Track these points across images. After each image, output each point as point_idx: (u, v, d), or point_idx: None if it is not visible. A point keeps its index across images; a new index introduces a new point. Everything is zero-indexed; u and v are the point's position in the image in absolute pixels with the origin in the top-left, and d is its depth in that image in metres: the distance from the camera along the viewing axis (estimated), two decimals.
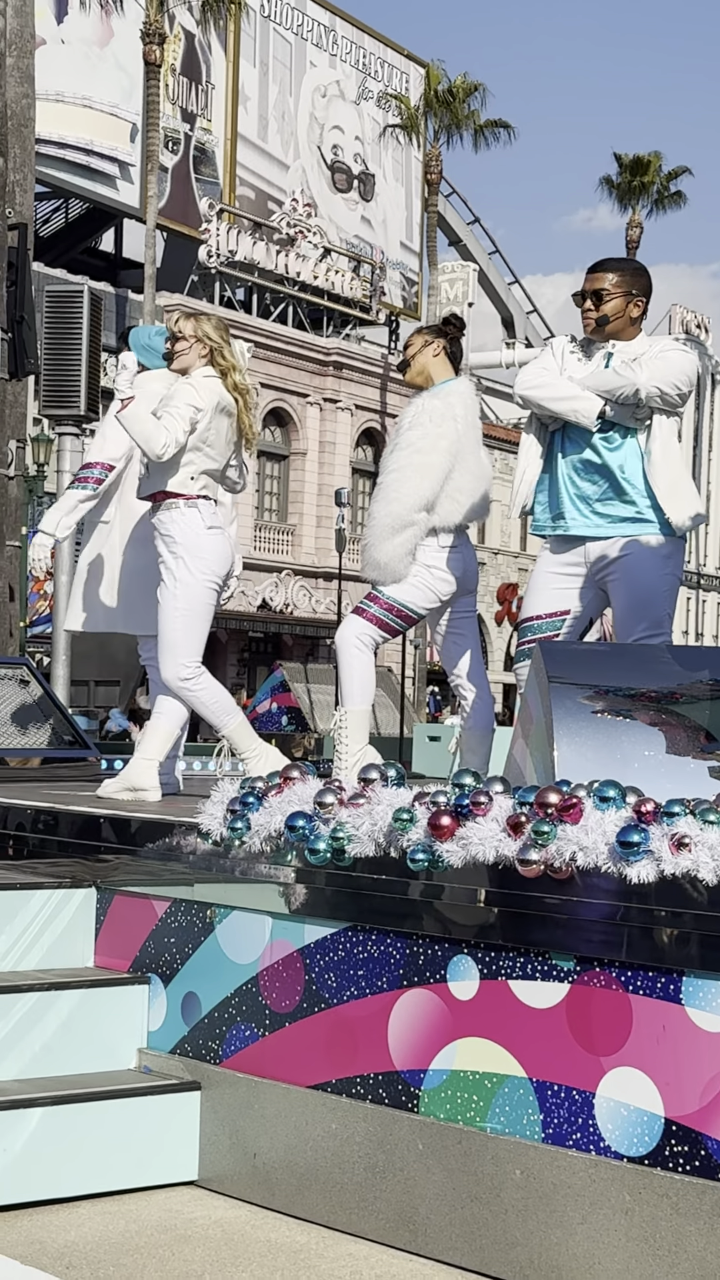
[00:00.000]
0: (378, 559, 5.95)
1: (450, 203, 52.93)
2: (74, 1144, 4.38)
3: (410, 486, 5.90)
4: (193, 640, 6.02)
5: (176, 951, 4.80)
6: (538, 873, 3.78)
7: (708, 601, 63.45)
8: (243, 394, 6.14)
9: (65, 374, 11.93)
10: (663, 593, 5.47)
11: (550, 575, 5.62)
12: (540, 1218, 3.77)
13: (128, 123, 39.67)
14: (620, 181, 47.81)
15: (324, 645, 42.31)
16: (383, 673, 19.59)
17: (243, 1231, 4.20)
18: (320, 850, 4.28)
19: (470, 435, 6.07)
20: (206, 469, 6.03)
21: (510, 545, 51.32)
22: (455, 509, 5.99)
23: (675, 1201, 3.54)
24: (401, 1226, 4.06)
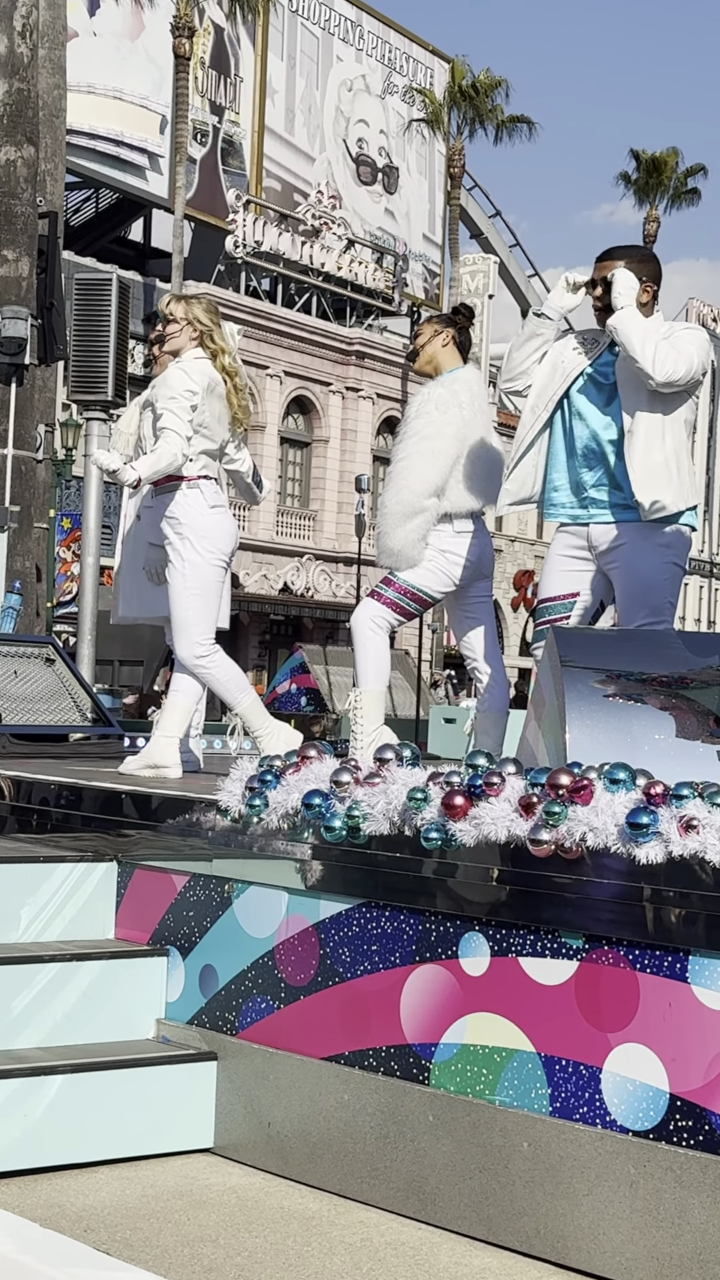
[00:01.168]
0: (391, 546, 5.94)
1: (472, 196, 52.79)
2: (93, 1111, 4.39)
3: (418, 474, 5.89)
4: (205, 619, 6.03)
5: (195, 925, 4.81)
6: (548, 852, 3.77)
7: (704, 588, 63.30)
8: (231, 375, 6.13)
9: (93, 360, 11.91)
10: (662, 580, 5.40)
11: (560, 558, 5.59)
12: (547, 1189, 3.77)
13: (157, 114, 39.62)
14: (638, 178, 47.63)
15: (343, 628, 42.31)
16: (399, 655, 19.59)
17: (256, 1198, 4.21)
18: (336, 828, 4.28)
19: (478, 421, 6.03)
20: (204, 449, 6.04)
21: (527, 532, 51.25)
22: (466, 494, 5.96)
23: (679, 1175, 3.54)
24: (411, 1195, 4.07)
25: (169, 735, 6.08)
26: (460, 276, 45.61)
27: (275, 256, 42.47)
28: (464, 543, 5.99)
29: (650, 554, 5.37)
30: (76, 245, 37.57)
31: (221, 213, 41.32)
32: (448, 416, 5.94)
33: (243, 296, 40.83)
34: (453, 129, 45.08)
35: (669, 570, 5.41)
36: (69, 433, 27.09)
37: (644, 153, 47.59)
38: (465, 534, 5.99)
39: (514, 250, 56.14)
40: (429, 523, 5.92)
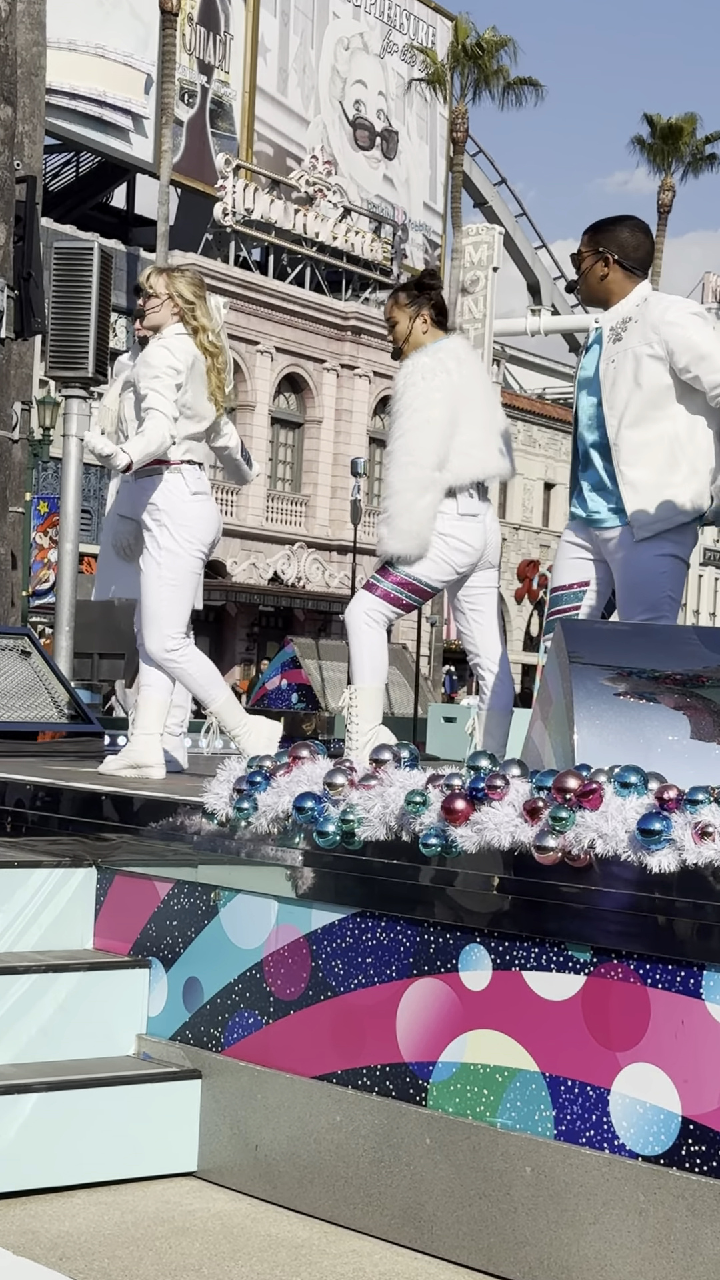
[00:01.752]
0: (406, 527, 5.80)
1: (476, 162, 52.76)
2: (70, 1131, 4.39)
3: (420, 445, 5.81)
4: (177, 611, 6.02)
5: (179, 935, 4.81)
6: (555, 860, 3.78)
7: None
8: (212, 355, 6.10)
9: (73, 335, 11.89)
10: (657, 575, 5.38)
11: (569, 546, 5.62)
12: (551, 1217, 3.78)
13: (142, 73, 39.56)
14: (653, 144, 47.59)
15: (337, 620, 42.31)
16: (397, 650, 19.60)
17: (242, 1225, 4.21)
18: (329, 833, 4.28)
19: (473, 386, 5.94)
20: (189, 433, 6.03)
21: (532, 520, 51.27)
22: (469, 463, 5.86)
23: (691, 1203, 3.54)
24: (407, 1223, 4.07)
25: (148, 733, 6.08)
26: (463, 248, 45.49)
27: (266, 225, 42.42)
28: (468, 527, 5.91)
29: (643, 550, 5.36)
30: (56, 212, 37.53)
31: (210, 178, 41.27)
32: (435, 383, 5.85)
33: (232, 267, 40.79)
34: (455, 91, 45.05)
35: (667, 564, 5.39)
36: (47, 411, 27.08)
37: (659, 118, 47.53)
38: (470, 517, 5.91)
39: (520, 220, 56.09)
40: (440, 498, 5.85)
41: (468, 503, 5.92)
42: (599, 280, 5.49)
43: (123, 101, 39.27)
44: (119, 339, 35.15)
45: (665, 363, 5.29)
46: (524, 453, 50.64)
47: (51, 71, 23.24)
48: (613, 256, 5.44)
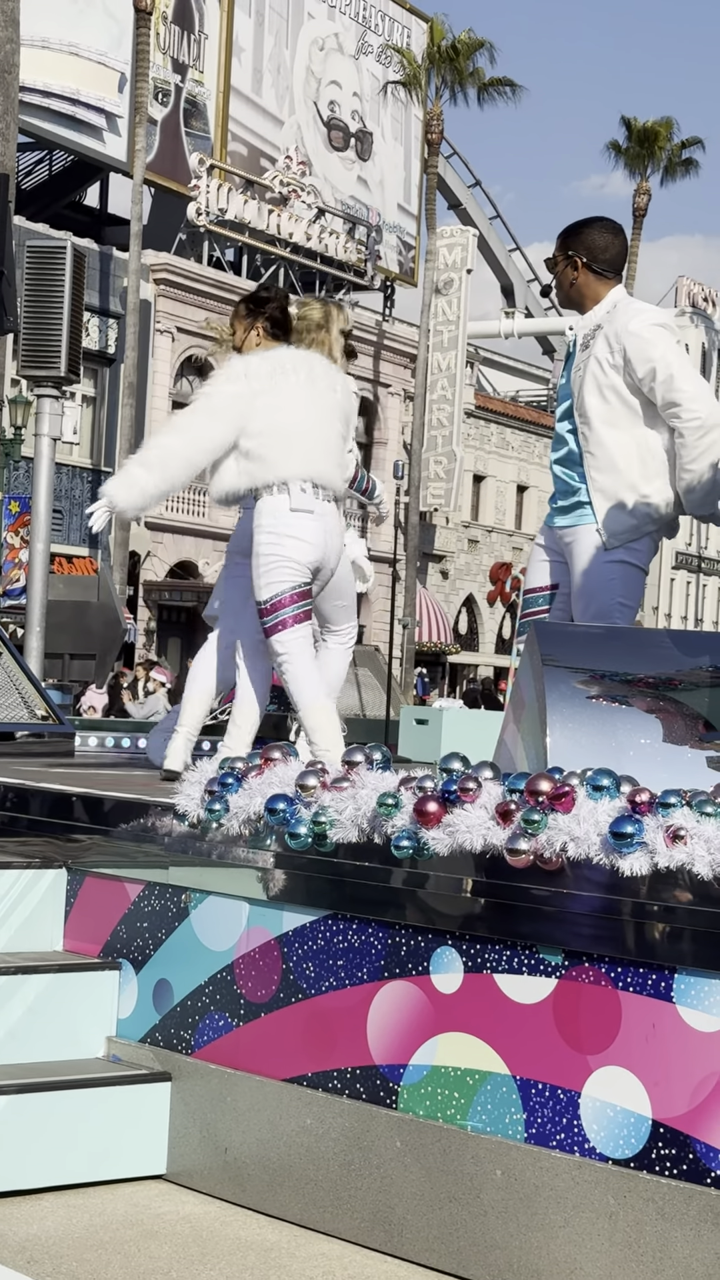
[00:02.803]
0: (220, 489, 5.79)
1: (451, 164, 52.81)
2: (38, 1134, 4.38)
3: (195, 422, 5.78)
4: None
5: (149, 936, 4.80)
6: (527, 863, 3.78)
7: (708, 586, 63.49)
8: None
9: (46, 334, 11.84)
10: (608, 581, 5.37)
11: (540, 550, 5.68)
12: (521, 1220, 3.78)
13: (116, 72, 39.46)
14: (629, 148, 47.70)
15: None
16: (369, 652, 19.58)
17: (212, 1229, 4.21)
18: (301, 835, 4.28)
19: (289, 395, 5.77)
20: None
21: (505, 523, 51.32)
22: (264, 468, 5.70)
23: (661, 1206, 3.55)
24: (377, 1226, 4.07)
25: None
26: (436, 249, 45.56)
27: (240, 225, 42.37)
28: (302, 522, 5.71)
29: (593, 558, 5.38)
30: (28, 210, 37.40)
31: (183, 178, 41.20)
32: (229, 374, 5.78)
33: (205, 267, 40.72)
34: (431, 92, 45.07)
35: (619, 570, 5.40)
36: (19, 410, 27.00)
37: (635, 121, 47.63)
38: (304, 512, 5.71)
39: (494, 222, 56.17)
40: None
41: (300, 498, 5.71)
42: (570, 285, 5.50)
43: (96, 100, 39.17)
44: (91, 338, 35.12)
45: (624, 372, 5.31)
46: (497, 455, 50.71)
47: (25, 69, 23.18)
48: (582, 260, 5.44)
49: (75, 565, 33.81)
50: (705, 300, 59.99)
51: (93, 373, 36.43)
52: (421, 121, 47.39)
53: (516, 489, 51.98)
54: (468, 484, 48.75)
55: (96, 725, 11.48)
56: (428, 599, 44.49)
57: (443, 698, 32.79)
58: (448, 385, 45.68)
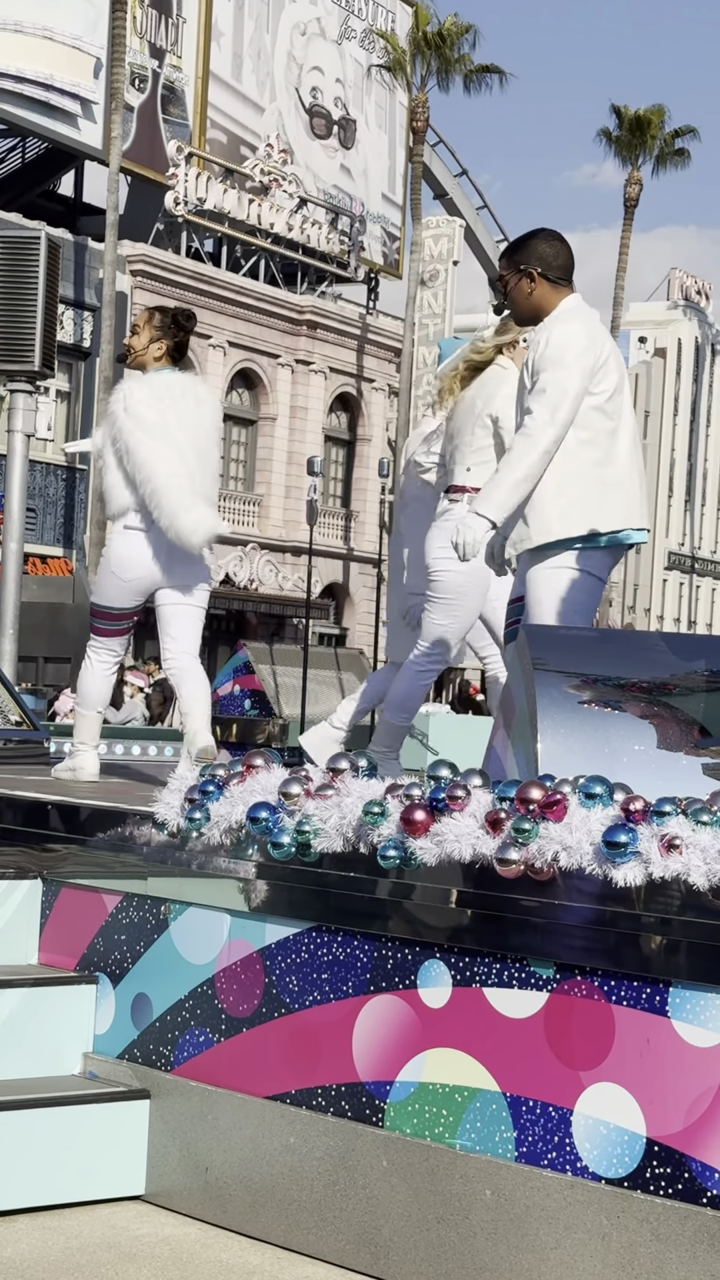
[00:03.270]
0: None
1: (437, 153, 52.82)
2: (12, 1154, 4.37)
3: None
4: None
5: (127, 949, 4.79)
6: (517, 873, 3.78)
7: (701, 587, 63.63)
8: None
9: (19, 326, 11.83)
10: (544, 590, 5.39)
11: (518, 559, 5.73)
12: (511, 1241, 3.78)
13: (91, 57, 39.41)
14: (620, 136, 47.78)
15: (290, 625, 42.30)
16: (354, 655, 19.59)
17: (192, 1251, 4.20)
18: (284, 844, 4.28)
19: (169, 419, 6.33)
20: None
21: None
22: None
23: (655, 1227, 3.55)
24: (363, 1248, 4.07)
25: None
26: (422, 240, 45.59)
27: (220, 215, 42.36)
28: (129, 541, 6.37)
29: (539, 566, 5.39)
30: (0, 199, 37.39)
31: (161, 166, 41.18)
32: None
33: (183, 259, 40.71)
34: (416, 79, 45.10)
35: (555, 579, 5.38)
36: None
37: (626, 109, 47.70)
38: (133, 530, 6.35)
39: (482, 213, 56.18)
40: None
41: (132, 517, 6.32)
42: (527, 297, 5.54)
43: (71, 86, 39.12)
44: (65, 331, 35.08)
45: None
46: None
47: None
48: (536, 270, 5.50)
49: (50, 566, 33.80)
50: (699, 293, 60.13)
51: (67, 367, 36.41)
52: (406, 108, 47.42)
53: None
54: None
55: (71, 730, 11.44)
56: None
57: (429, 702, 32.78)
58: (434, 380, 45.70)
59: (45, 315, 11.80)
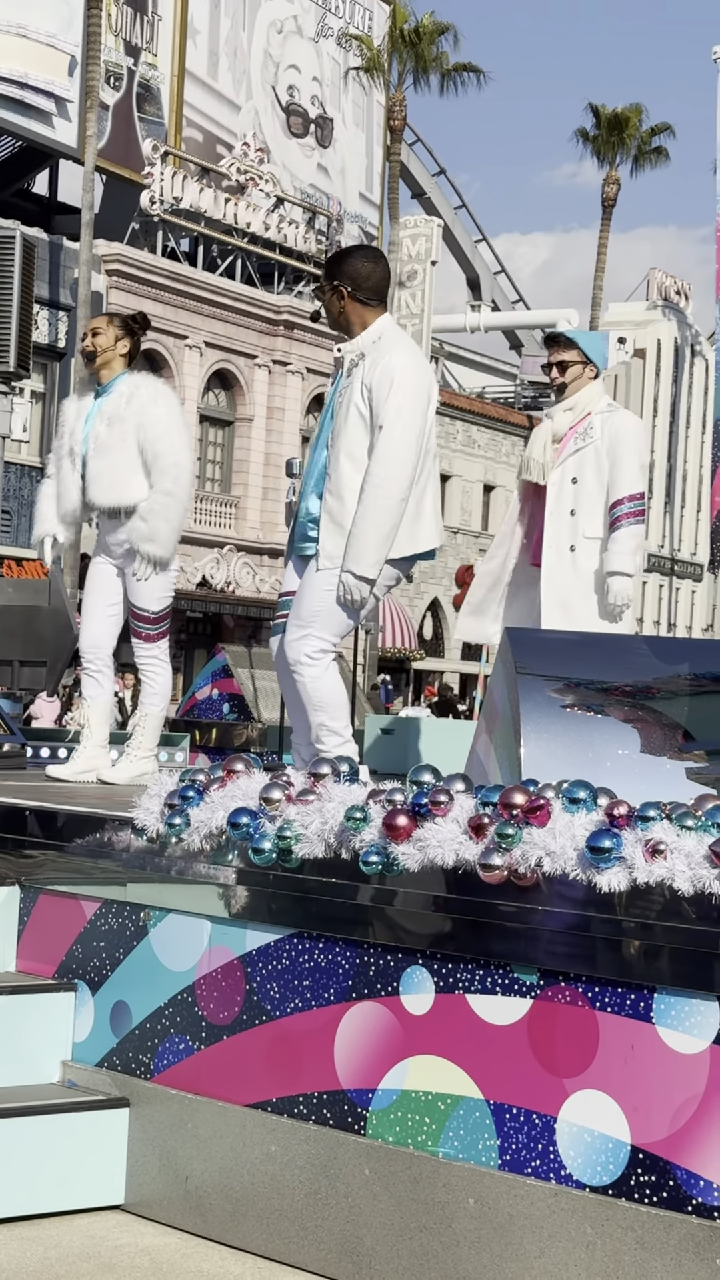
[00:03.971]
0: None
1: (415, 152, 52.90)
2: None
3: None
4: None
5: (106, 956, 4.78)
6: (501, 878, 3.78)
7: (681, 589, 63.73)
8: None
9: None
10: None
11: None
12: (495, 1250, 3.78)
13: (66, 55, 39.34)
14: (597, 135, 47.87)
15: (268, 628, 42.20)
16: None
17: (172, 1261, 4.19)
18: (265, 850, 4.27)
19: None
20: None
21: (471, 524, 51.40)
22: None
23: (640, 1235, 3.56)
24: (345, 1257, 4.06)
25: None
26: (400, 240, 45.60)
27: (196, 214, 42.32)
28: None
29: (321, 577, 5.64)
30: None
31: (136, 165, 41.12)
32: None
33: (159, 258, 40.66)
34: (393, 78, 45.13)
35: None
36: None
37: (603, 108, 47.80)
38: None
39: (460, 212, 56.29)
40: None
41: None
42: (338, 313, 5.80)
43: (45, 84, 39.03)
44: (40, 332, 35.02)
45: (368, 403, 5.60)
46: (463, 454, 50.77)
47: None
48: (346, 289, 5.73)
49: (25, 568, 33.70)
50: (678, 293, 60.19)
51: (42, 367, 36.32)
52: (384, 107, 47.45)
53: (483, 489, 52.06)
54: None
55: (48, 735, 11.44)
56: (391, 603, 44.50)
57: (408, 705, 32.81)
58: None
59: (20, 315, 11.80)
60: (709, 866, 3.48)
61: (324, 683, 5.59)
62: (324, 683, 5.59)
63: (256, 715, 15.55)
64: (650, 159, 48.28)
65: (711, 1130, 3.50)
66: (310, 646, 5.60)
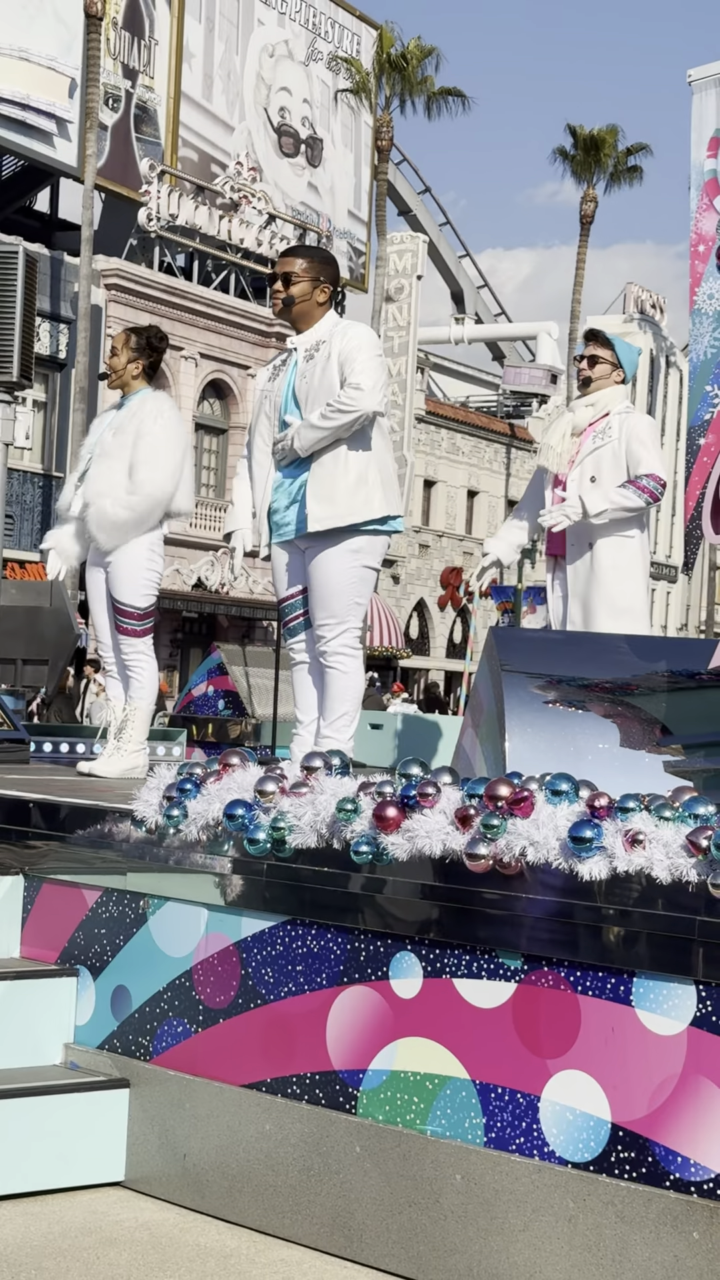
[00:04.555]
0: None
1: (401, 171, 52.85)
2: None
3: None
4: None
5: (107, 943, 4.77)
6: (486, 868, 3.78)
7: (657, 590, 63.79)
8: None
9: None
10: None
11: None
12: (481, 1224, 3.78)
13: (66, 77, 39.30)
14: (575, 155, 47.85)
15: (260, 627, 42.23)
16: None
17: (171, 1235, 4.19)
18: (260, 840, 4.26)
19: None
20: None
21: (455, 527, 51.37)
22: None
23: (620, 1209, 3.55)
24: (336, 1231, 4.06)
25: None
26: (387, 256, 45.57)
27: (191, 231, 42.27)
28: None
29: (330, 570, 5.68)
30: None
31: (134, 183, 41.07)
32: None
33: (156, 273, 40.61)
34: (380, 100, 45.07)
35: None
36: None
37: (581, 129, 47.78)
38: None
39: (444, 229, 56.23)
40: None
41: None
42: (309, 305, 5.91)
43: (46, 105, 38.97)
44: (42, 344, 34.96)
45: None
46: (448, 460, 50.74)
47: None
48: (329, 289, 5.93)
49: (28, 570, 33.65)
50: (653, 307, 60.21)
51: (44, 378, 36.27)
52: (371, 128, 47.42)
53: (467, 494, 52.02)
54: (418, 489, 48.78)
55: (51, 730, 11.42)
56: (379, 603, 44.48)
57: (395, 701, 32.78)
58: (398, 391, 45.70)
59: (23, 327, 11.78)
60: (686, 855, 3.48)
61: (360, 675, 5.64)
62: (360, 675, 5.64)
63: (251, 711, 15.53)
64: (626, 178, 48.25)
65: (688, 1109, 3.50)
66: (350, 639, 5.67)
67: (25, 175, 42.11)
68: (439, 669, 48.05)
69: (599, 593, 6.38)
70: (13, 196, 42.53)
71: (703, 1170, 3.47)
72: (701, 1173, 3.47)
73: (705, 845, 3.44)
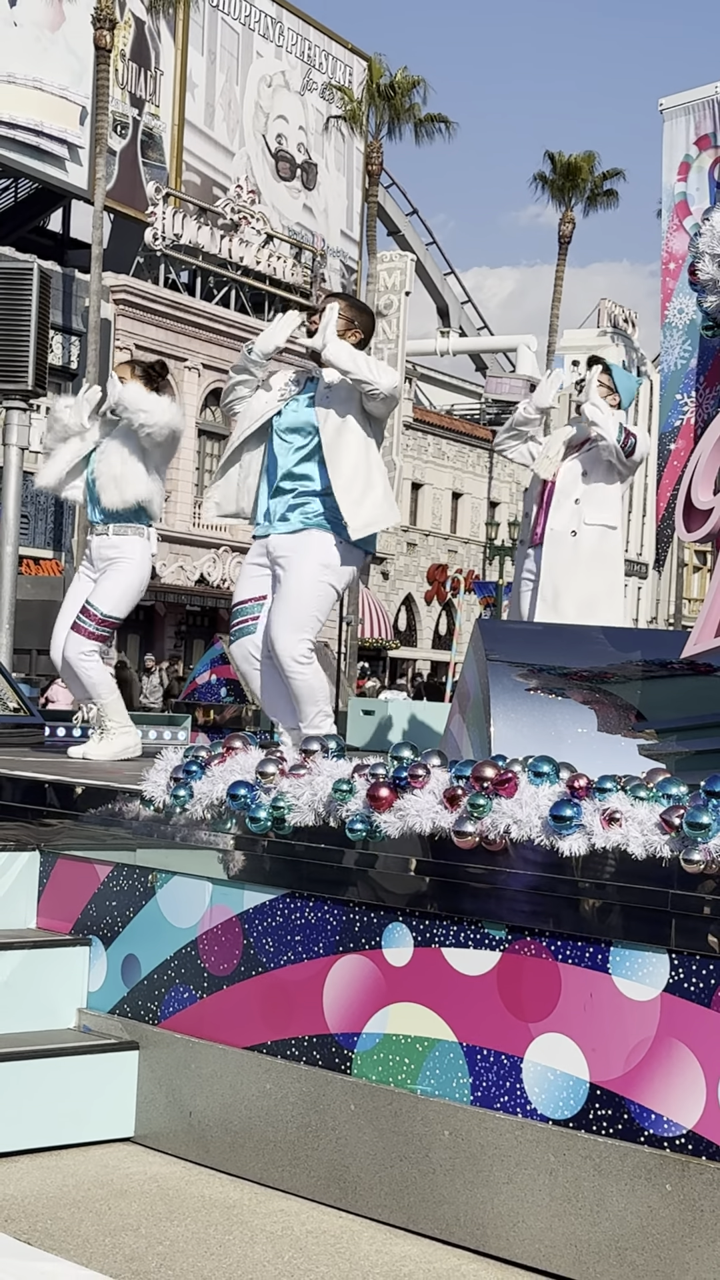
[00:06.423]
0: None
1: (390, 194, 52.75)
2: (13, 1100, 4.34)
3: None
4: None
5: (118, 915, 4.76)
6: (473, 844, 3.77)
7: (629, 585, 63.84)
8: None
9: (14, 349, 11.76)
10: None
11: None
12: (467, 1177, 3.77)
13: (77, 105, 39.21)
14: (554, 180, 47.80)
15: None
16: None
17: (178, 1187, 4.18)
18: (261, 819, 4.26)
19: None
20: None
21: (441, 527, 51.38)
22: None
23: (598, 1163, 3.55)
24: (332, 1184, 4.05)
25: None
26: (377, 273, 45.53)
27: (194, 249, 42.20)
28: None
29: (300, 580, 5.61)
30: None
31: (141, 205, 40.99)
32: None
33: (161, 289, 40.54)
34: (370, 127, 44.98)
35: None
36: None
37: (560, 155, 47.73)
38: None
39: (431, 248, 56.15)
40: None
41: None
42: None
43: (59, 131, 38.89)
44: (55, 355, 34.89)
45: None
46: (434, 464, 50.72)
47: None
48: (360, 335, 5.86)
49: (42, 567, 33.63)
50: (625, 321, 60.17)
51: (56, 387, 36.19)
52: (362, 154, 47.34)
53: (452, 496, 52.02)
54: (406, 491, 48.76)
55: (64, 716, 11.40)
56: (369, 598, 44.47)
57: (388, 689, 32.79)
58: None
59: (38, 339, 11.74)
60: (659, 833, 3.48)
61: (316, 678, 5.57)
62: (316, 678, 5.57)
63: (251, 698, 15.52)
64: (602, 201, 48.20)
65: (662, 1069, 3.49)
66: (302, 649, 5.55)
67: (39, 197, 42.03)
68: (425, 659, 48.04)
69: (575, 577, 6.40)
70: (27, 217, 42.45)
71: (675, 1126, 3.47)
72: (674, 1129, 3.47)
73: (677, 823, 3.44)
